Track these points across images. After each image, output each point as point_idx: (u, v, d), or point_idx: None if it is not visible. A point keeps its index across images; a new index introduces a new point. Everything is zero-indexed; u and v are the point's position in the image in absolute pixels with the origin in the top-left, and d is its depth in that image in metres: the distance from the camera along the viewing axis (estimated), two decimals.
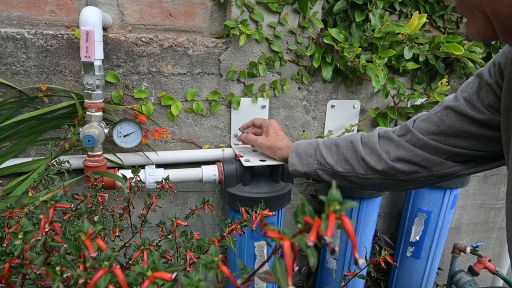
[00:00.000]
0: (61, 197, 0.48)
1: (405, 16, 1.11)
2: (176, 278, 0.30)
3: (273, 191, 0.94)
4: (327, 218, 0.23)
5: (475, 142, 0.60)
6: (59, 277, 0.37)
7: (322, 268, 1.19)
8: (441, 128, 0.62)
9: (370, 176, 0.72)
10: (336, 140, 0.79)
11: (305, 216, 0.24)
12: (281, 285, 0.26)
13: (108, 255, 0.31)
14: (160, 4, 0.91)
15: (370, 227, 1.11)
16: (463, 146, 0.61)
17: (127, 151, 0.94)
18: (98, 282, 0.30)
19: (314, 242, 0.23)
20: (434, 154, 0.64)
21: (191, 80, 0.95)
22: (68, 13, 0.86)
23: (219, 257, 0.33)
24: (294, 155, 0.82)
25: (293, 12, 0.97)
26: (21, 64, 0.83)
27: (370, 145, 0.72)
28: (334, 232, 0.56)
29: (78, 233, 0.33)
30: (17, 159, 0.87)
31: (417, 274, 1.24)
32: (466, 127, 0.60)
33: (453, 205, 1.19)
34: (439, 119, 0.63)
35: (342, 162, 0.75)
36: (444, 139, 0.62)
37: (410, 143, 0.66)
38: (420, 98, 1.11)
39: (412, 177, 0.68)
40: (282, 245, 0.25)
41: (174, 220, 0.65)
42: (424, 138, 0.64)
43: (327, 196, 0.23)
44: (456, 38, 1.06)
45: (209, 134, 1.02)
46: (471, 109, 0.58)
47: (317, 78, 1.06)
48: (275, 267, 0.26)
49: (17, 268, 0.41)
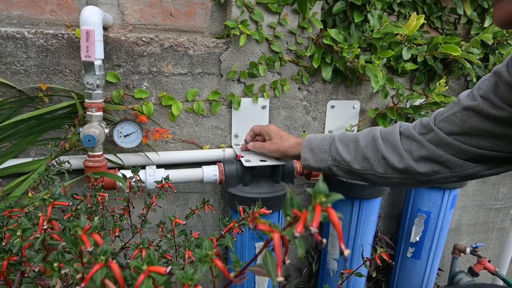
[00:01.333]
0: (60, 195, 0.48)
1: (404, 17, 1.12)
2: (171, 271, 0.31)
3: (273, 191, 0.94)
4: (313, 209, 0.24)
5: (496, 142, 0.59)
6: (56, 273, 0.37)
7: (323, 269, 1.18)
8: (463, 129, 0.62)
9: (389, 176, 0.71)
10: (355, 136, 0.76)
11: (293, 209, 0.25)
12: (271, 276, 0.27)
13: (104, 249, 0.31)
14: (161, 4, 0.92)
15: (370, 227, 1.11)
16: (485, 146, 0.61)
17: (128, 151, 0.94)
18: (94, 276, 0.30)
19: (301, 233, 0.24)
20: (457, 155, 0.63)
21: (191, 80, 0.95)
22: (68, 12, 0.86)
23: (213, 251, 0.34)
24: (307, 150, 0.80)
25: (292, 13, 0.98)
26: (21, 64, 0.82)
27: (391, 142, 0.70)
28: (335, 233, 0.54)
29: (75, 228, 0.34)
30: (17, 159, 0.86)
31: (418, 275, 1.24)
32: (488, 127, 0.59)
33: (452, 205, 1.19)
34: (460, 120, 0.62)
35: (360, 159, 0.74)
36: (467, 140, 0.62)
37: (432, 142, 0.65)
38: (419, 99, 1.12)
39: (433, 177, 0.67)
40: (272, 237, 0.26)
41: (173, 219, 0.65)
42: (448, 138, 0.63)
43: (313, 189, 0.24)
44: (454, 39, 1.07)
45: (209, 134, 1.01)
46: (491, 107, 0.57)
47: (317, 79, 1.06)
48: (266, 259, 0.27)
49: (16, 265, 0.41)
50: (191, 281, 0.31)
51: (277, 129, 0.90)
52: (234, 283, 0.34)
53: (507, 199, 1.50)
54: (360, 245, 1.09)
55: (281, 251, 0.26)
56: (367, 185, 1.02)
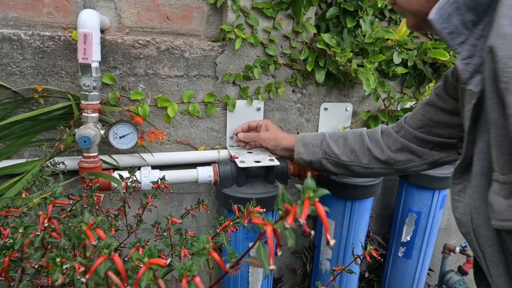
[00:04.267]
0: (60, 194, 0.49)
1: (395, 22, 1.15)
2: (171, 263, 0.32)
3: (267, 192, 0.95)
4: (302, 203, 0.27)
5: (450, 130, 0.73)
6: (59, 268, 0.38)
7: (317, 270, 1.20)
8: (424, 122, 0.76)
9: (372, 166, 0.85)
10: (344, 134, 0.90)
11: (285, 204, 0.28)
12: (264, 266, 0.28)
13: (107, 243, 0.33)
14: (158, 8, 0.93)
15: (362, 227, 1.13)
16: (442, 135, 0.75)
17: (123, 152, 0.94)
18: (98, 268, 0.32)
19: (291, 224, 0.26)
20: (423, 145, 0.78)
21: (187, 82, 0.96)
22: (65, 14, 0.87)
23: (210, 244, 0.36)
24: (300, 144, 0.91)
25: (287, 18, 1.00)
26: (17, 65, 0.82)
27: (375, 139, 0.85)
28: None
29: (80, 224, 0.35)
30: (11, 160, 0.86)
31: (409, 274, 1.27)
32: (441, 118, 0.73)
33: (442, 205, 1.22)
34: (422, 115, 0.77)
35: (348, 152, 0.86)
36: (428, 131, 0.76)
37: (404, 137, 0.80)
38: (410, 102, 1.14)
39: (408, 165, 0.81)
40: (265, 230, 0.29)
41: (169, 218, 0.66)
42: (414, 131, 0.78)
43: (302, 185, 0.27)
44: (442, 45, 1.10)
45: (204, 136, 1.03)
46: (441, 101, 0.71)
47: (310, 82, 1.08)
48: (259, 251, 0.29)
49: (17, 262, 0.42)
50: (189, 272, 0.32)
51: (274, 125, 1.02)
52: (230, 273, 0.35)
53: None
54: (352, 245, 1.11)
55: (273, 242, 0.28)
56: (359, 185, 1.04)
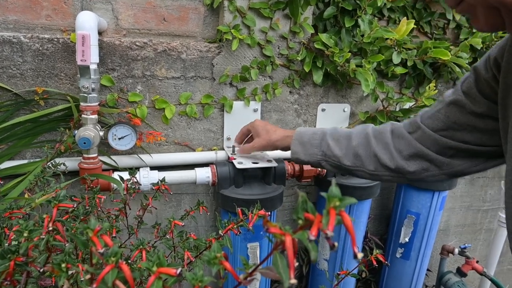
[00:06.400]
0: (64, 197, 0.49)
1: (394, 22, 1.14)
2: (181, 273, 0.31)
3: (265, 193, 0.95)
4: (328, 213, 0.24)
5: (479, 135, 0.61)
6: (64, 274, 0.38)
7: (314, 270, 1.21)
8: (448, 124, 0.64)
9: (380, 173, 0.72)
10: (347, 133, 0.77)
11: (305, 213, 0.25)
12: (283, 279, 0.26)
13: (115, 251, 0.32)
14: (154, 9, 0.93)
15: (360, 228, 1.14)
16: (469, 140, 0.62)
17: (122, 153, 0.95)
18: (106, 277, 0.31)
19: (316, 236, 0.24)
20: (444, 151, 0.65)
21: (184, 84, 0.97)
22: (63, 17, 0.88)
23: (221, 253, 0.34)
24: (297, 143, 0.81)
25: (284, 18, 1.00)
26: (17, 68, 0.84)
27: (383, 141, 0.72)
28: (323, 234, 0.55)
29: (86, 230, 0.34)
30: (13, 161, 0.88)
31: (407, 275, 1.27)
32: (470, 120, 0.61)
33: (441, 207, 1.22)
34: (444, 116, 0.64)
35: (351, 156, 0.75)
36: (452, 135, 0.64)
37: (419, 140, 0.67)
38: (409, 102, 1.14)
39: (423, 175, 0.69)
40: (284, 240, 0.26)
41: (171, 221, 0.65)
42: (434, 134, 0.65)
43: (327, 193, 0.24)
44: (443, 44, 1.09)
45: (202, 137, 1.03)
46: (472, 102, 0.60)
47: (308, 82, 1.09)
48: (277, 262, 0.27)
49: (22, 266, 0.41)
50: (201, 282, 0.31)
51: (262, 123, 0.90)
52: (243, 284, 0.34)
53: (495, 200, 1.53)
54: (350, 246, 1.11)
55: (293, 254, 0.26)
56: (357, 187, 1.04)
